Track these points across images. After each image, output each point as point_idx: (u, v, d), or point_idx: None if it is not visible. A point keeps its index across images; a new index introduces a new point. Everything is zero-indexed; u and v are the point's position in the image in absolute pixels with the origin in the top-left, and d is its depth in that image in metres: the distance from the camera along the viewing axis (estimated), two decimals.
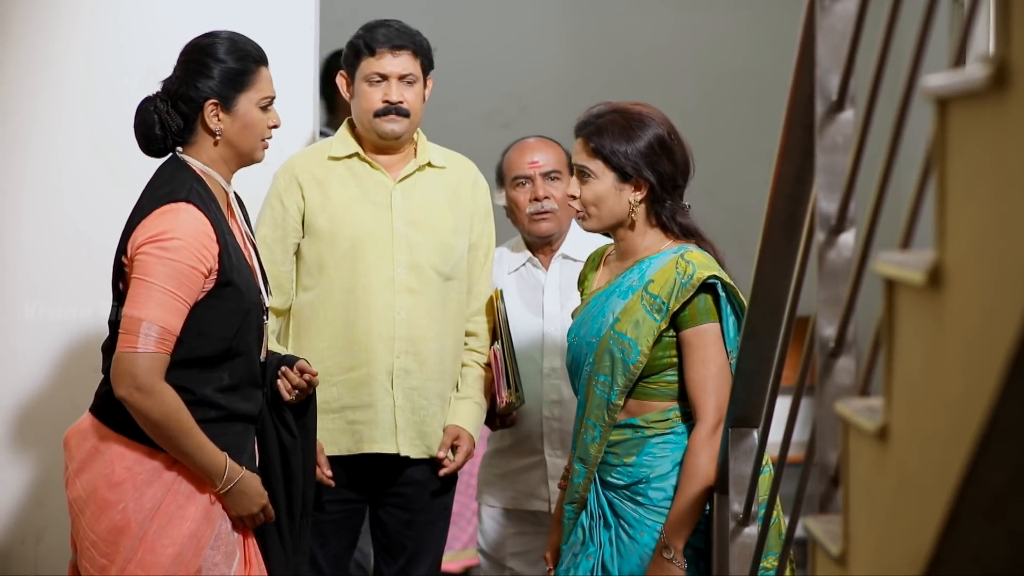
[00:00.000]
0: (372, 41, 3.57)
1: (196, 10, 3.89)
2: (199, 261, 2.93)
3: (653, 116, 3.15)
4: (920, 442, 1.62)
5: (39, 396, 3.88)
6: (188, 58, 3.09)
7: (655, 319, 3.06)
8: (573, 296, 3.81)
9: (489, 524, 3.93)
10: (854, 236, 2.11)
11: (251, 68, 3.08)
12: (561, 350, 3.79)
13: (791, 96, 2.30)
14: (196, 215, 2.95)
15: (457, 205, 3.67)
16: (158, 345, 2.89)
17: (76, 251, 3.86)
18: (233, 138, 3.07)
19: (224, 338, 2.99)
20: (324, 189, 3.55)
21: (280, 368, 3.18)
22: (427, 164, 3.67)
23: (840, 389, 2.10)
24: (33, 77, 3.86)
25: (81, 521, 2.96)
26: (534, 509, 3.86)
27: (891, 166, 1.84)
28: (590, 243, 3.88)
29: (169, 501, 2.95)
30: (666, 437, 3.09)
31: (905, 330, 1.67)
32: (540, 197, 3.82)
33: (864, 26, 2.00)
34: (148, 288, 2.90)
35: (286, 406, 3.18)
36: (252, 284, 3.06)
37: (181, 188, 2.98)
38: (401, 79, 3.58)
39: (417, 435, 3.57)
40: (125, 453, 2.95)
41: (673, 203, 3.14)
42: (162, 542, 2.93)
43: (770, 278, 2.55)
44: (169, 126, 3.05)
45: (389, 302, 3.55)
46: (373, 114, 3.57)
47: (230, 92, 3.05)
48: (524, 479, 3.86)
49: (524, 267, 3.91)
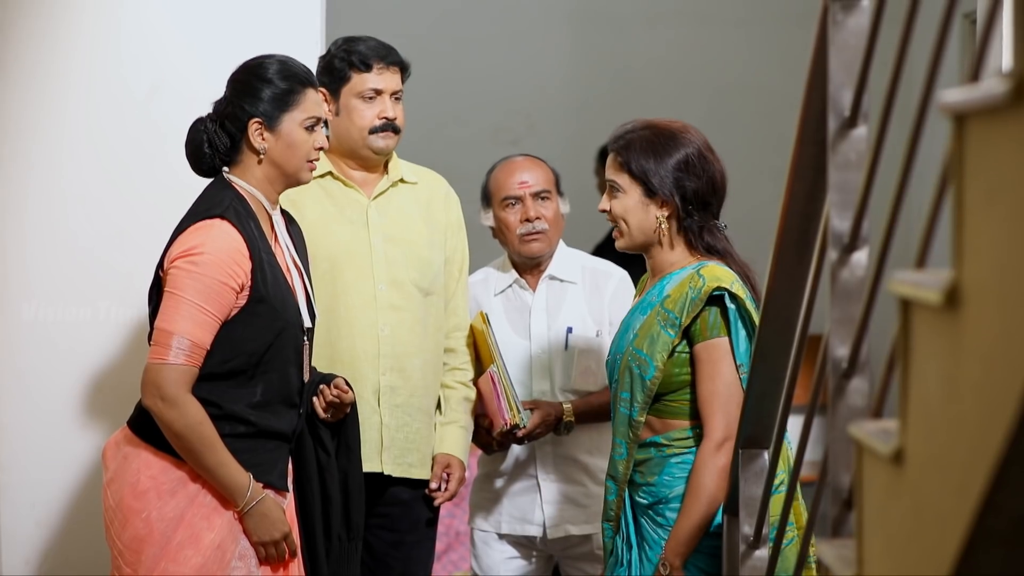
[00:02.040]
0: (365, 57, 3.54)
1: (198, 25, 3.87)
2: (230, 276, 2.97)
3: (686, 134, 3.15)
4: (937, 466, 1.58)
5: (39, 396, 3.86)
6: (237, 78, 3.14)
7: (669, 334, 3.06)
8: (560, 318, 3.80)
9: (482, 548, 3.87)
10: (867, 255, 2.07)
11: (297, 89, 3.10)
12: (550, 372, 3.77)
13: (803, 112, 2.27)
14: (229, 231, 2.99)
15: (431, 220, 3.65)
16: (187, 358, 2.95)
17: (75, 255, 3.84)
18: (277, 158, 3.09)
19: (255, 354, 3.01)
20: (299, 209, 3.52)
21: (319, 386, 3.18)
22: (400, 180, 3.64)
23: (853, 411, 2.06)
24: (36, 89, 3.84)
25: (111, 530, 3.01)
26: (528, 534, 3.81)
27: (905, 183, 1.80)
28: (576, 261, 3.86)
29: (194, 512, 2.97)
30: (684, 456, 3.09)
31: (921, 352, 1.63)
32: (532, 218, 3.77)
33: (877, 41, 1.96)
34: (178, 302, 2.95)
35: (322, 424, 3.18)
36: (290, 303, 3.08)
37: (218, 205, 3.03)
38: (392, 95, 3.56)
39: (400, 453, 3.54)
40: (152, 463, 2.99)
41: (702, 221, 3.13)
42: (186, 552, 2.95)
43: (781, 297, 2.51)
44: (216, 145, 3.09)
45: (372, 319, 3.52)
46: (369, 131, 3.54)
47: (274, 111, 3.08)
48: (517, 503, 3.81)
49: (511, 288, 3.86)
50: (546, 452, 3.78)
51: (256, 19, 3.92)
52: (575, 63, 6.98)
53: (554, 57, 6.97)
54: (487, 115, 6.84)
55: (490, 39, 6.92)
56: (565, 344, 3.78)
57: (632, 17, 6.91)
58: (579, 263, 3.88)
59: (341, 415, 3.19)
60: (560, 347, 3.79)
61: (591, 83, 6.94)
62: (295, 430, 3.12)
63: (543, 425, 3.69)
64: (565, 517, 3.77)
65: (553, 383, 3.78)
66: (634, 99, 6.72)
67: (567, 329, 3.78)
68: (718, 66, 6.88)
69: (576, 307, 3.81)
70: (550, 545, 3.81)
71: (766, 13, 6.84)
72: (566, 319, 3.80)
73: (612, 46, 6.94)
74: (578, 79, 6.97)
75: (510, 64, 6.94)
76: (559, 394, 3.77)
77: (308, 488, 3.16)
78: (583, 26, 6.96)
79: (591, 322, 3.79)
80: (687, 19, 6.90)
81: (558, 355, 3.79)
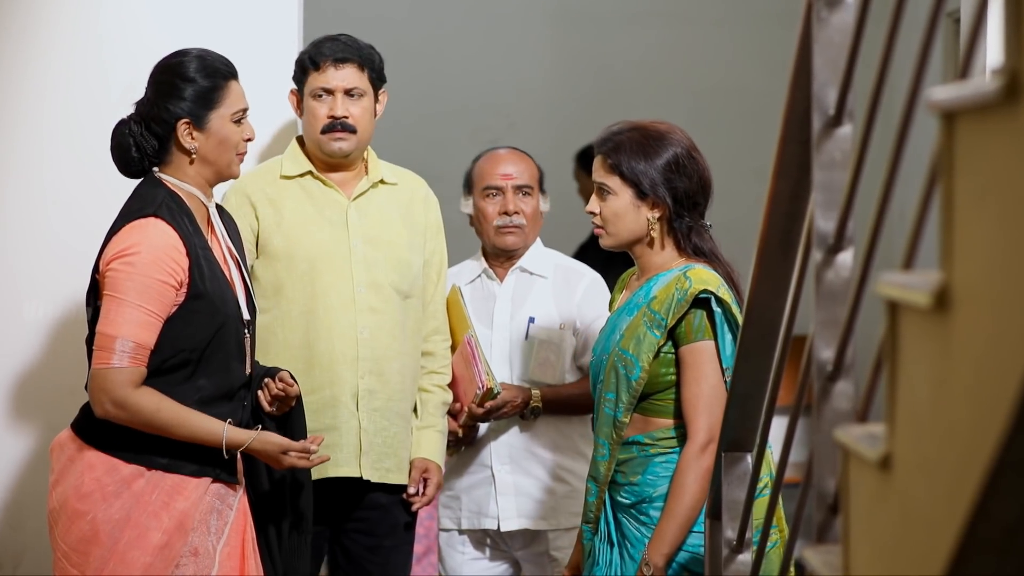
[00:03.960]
0: (316, 55, 3.49)
1: (178, 25, 3.84)
2: (168, 274, 2.94)
3: (672, 134, 3.14)
4: (926, 472, 1.54)
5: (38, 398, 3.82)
6: (158, 79, 3.10)
7: (655, 335, 3.05)
8: (524, 308, 3.79)
9: (447, 551, 3.85)
10: (852, 255, 2.04)
11: (220, 84, 3.08)
12: (510, 361, 3.76)
13: (786, 111, 2.23)
14: (163, 228, 2.97)
15: (411, 221, 3.61)
16: (132, 360, 2.93)
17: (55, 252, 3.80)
18: (209, 155, 3.07)
19: (196, 349, 2.99)
20: (278, 209, 3.47)
21: (263, 380, 3.14)
22: (380, 181, 3.59)
23: (838, 414, 2.03)
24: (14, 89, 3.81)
25: (55, 532, 2.99)
26: (484, 527, 3.78)
27: (892, 183, 1.77)
28: (550, 259, 3.85)
29: (139, 511, 2.95)
30: (669, 456, 3.08)
31: (909, 355, 1.60)
32: (510, 211, 3.76)
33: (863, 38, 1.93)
34: (119, 304, 2.93)
35: (268, 419, 3.15)
36: (229, 297, 3.05)
37: (151, 204, 3.00)
38: (347, 93, 3.49)
39: (378, 457, 3.50)
40: (95, 464, 2.98)
41: (691, 221, 3.13)
42: (133, 553, 2.94)
43: (765, 299, 2.48)
44: (144, 148, 3.06)
45: (351, 322, 3.47)
46: (319, 131, 3.49)
47: (201, 111, 3.06)
48: (473, 496, 3.79)
49: (479, 279, 3.84)
50: (501, 443, 3.76)
51: (234, 19, 3.88)
52: (555, 62, 6.95)
53: (534, 56, 6.94)
54: (466, 114, 6.80)
55: (469, 37, 6.88)
56: (526, 334, 3.76)
57: (613, 16, 6.89)
58: (552, 261, 3.87)
59: (286, 408, 3.17)
60: (521, 337, 3.77)
61: (572, 83, 6.91)
62: (241, 423, 3.09)
63: (510, 404, 3.67)
64: (520, 510, 3.75)
65: (512, 373, 3.76)
66: (615, 99, 6.69)
67: (529, 319, 3.76)
68: (700, 66, 6.86)
69: (542, 300, 3.79)
70: (508, 541, 3.78)
71: (748, 12, 6.82)
72: (530, 310, 3.78)
73: (593, 46, 6.92)
74: (559, 79, 6.94)
75: (490, 63, 6.91)
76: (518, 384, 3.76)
77: (257, 482, 3.15)
78: (564, 25, 6.93)
79: (556, 316, 3.77)
80: (668, 19, 6.87)
81: (518, 345, 3.77)
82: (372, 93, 3.54)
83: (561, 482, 3.75)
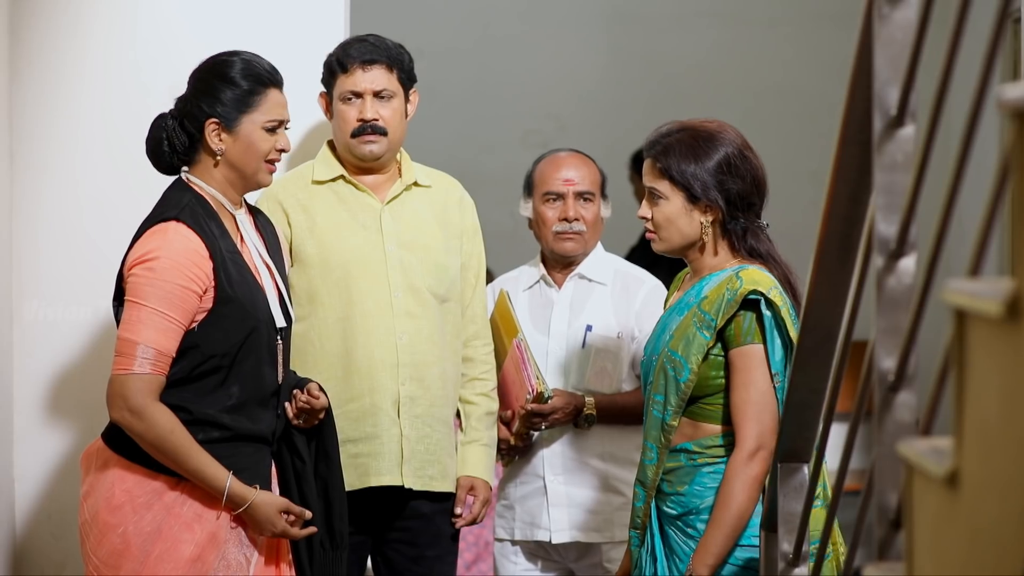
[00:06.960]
0: (344, 57, 3.43)
1: (216, 27, 3.79)
2: (190, 280, 2.90)
3: (723, 133, 3.05)
4: (995, 490, 1.47)
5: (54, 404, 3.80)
6: (199, 76, 3.07)
7: (704, 336, 2.98)
8: (583, 316, 3.71)
9: (500, 561, 3.78)
10: (915, 261, 1.97)
11: (258, 90, 3.03)
12: (565, 370, 3.69)
13: (845, 111, 2.16)
14: (185, 233, 2.93)
15: (446, 224, 3.53)
16: (153, 367, 2.89)
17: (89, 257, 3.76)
18: (234, 159, 3.03)
19: (227, 355, 2.95)
20: (311, 215, 3.42)
21: (292, 391, 3.09)
22: (413, 184, 3.51)
23: (900, 426, 1.96)
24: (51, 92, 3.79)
25: (87, 545, 2.96)
26: (537, 539, 3.71)
27: (958, 185, 1.69)
28: (610, 264, 3.77)
29: (171, 524, 2.91)
30: (716, 466, 3.00)
31: (978, 366, 1.53)
32: (570, 218, 3.68)
33: (926, 35, 1.86)
34: (139, 310, 2.90)
35: (297, 430, 3.10)
36: (260, 302, 3.00)
37: (174, 207, 2.97)
38: (376, 95, 3.42)
39: (421, 465, 3.42)
40: (125, 476, 2.93)
41: (746, 222, 3.05)
42: (165, 565, 2.90)
43: (822, 305, 2.41)
44: (175, 144, 3.04)
45: (389, 327, 3.40)
46: (350, 135, 3.43)
47: (233, 112, 3.01)
48: (526, 507, 3.72)
49: (537, 285, 3.77)
50: (555, 452, 3.69)
51: (277, 19, 3.84)
52: (607, 64, 6.90)
53: (586, 58, 6.89)
54: (516, 117, 6.76)
55: (520, 39, 6.84)
56: (583, 342, 3.69)
57: (666, 17, 6.83)
58: (612, 266, 3.78)
59: (314, 421, 3.10)
60: (578, 345, 3.70)
61: (623, 85, 6.86)
62: (274, 432, 3.04)
63: (563, 411, 3.60)
64: (572, 522, 3.68)
65: (567, 382, 3.69)
66: (668, 102, 6.62)
67: (586, 327, 3.69)
68: (754, 67, 6.79)
69: (601, 307, 3.72)
70: (561, 552, 3.72)
71: (803, 13, 6.74)
72: (588, 317, 3.71)
73: (646, 47, 6.86)
74: (610, 80, 6.89)
75: (540, 65, 6.86)
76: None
77: (287, 496, 3.09)
78: (616, 26, 6.88)
79: (614, 324, 3.70)
80: (722, 19, 6.80)
81: (575, 353, 3.70)
82: (402, 94, 3.47)
83: (615, 493, 3.68)
